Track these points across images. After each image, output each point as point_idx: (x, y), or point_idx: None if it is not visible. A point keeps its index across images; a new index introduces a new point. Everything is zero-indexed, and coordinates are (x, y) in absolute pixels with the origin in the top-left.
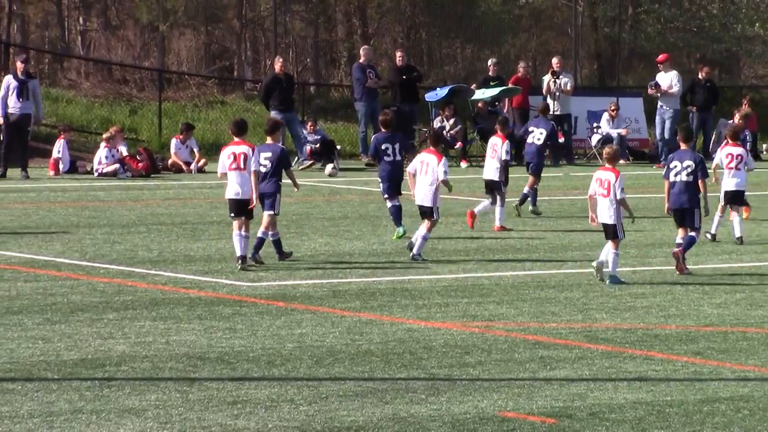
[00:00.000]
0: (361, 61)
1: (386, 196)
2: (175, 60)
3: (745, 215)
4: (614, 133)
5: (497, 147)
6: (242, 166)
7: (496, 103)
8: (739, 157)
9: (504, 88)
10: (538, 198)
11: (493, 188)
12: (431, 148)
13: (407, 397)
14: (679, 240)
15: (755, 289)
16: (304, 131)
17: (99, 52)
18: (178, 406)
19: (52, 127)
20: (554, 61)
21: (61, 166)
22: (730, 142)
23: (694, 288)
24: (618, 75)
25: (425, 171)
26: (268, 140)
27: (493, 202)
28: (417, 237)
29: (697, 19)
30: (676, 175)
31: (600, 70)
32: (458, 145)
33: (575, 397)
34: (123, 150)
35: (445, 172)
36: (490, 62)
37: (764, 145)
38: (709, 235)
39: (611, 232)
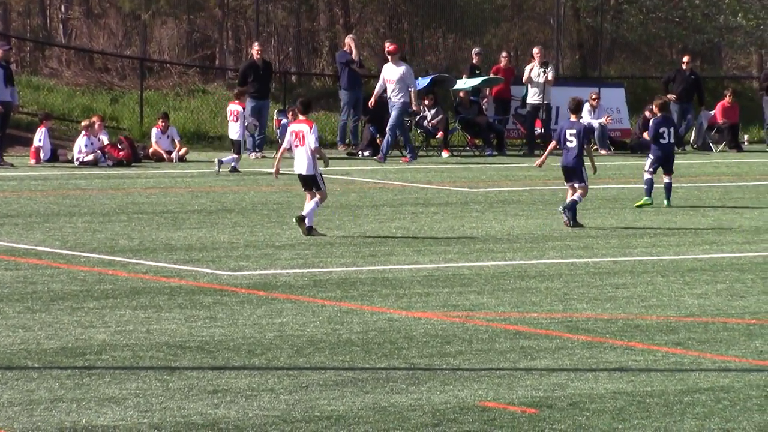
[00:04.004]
0: (345, 49)
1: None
2: (156, 49)
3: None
4: (595, 123)
5: None
6: (302, 143)
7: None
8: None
9: (486, 78)
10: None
11: None
12: (301, 117)
13: (387, 387)
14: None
15: (736, 279)
16: (285, 120)
17: (81, 41)
18: (158, 395)
19: (33, 116)
20: (536, 50)
21: (42, 155)
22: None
23: (675, 278)
24: (600, 65)
25: (301, 140)
26: (572, 118)
27: None
28: (306, 210)
29: (679, 10)
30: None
31: (582, 60)
32: (439, 134)
33: (555, 387)
34: (104, 139)
35: (316, 140)
36: (474, 51)
37: (745, 136)
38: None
39: None
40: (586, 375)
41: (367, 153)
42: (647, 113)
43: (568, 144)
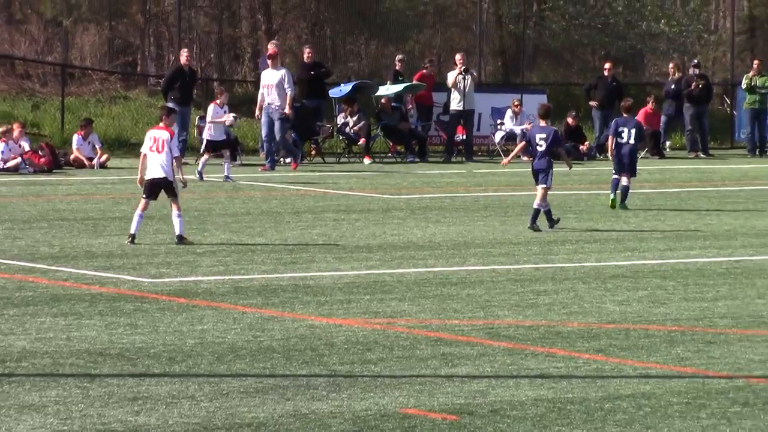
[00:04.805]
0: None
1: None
2: (78, 55)
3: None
4: (518, 129)
5: None
6: (160, 149)
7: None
8: None
9: (408, 84)
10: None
11: None
12: (162, 124)
13: (308, 394)
14: None
15: (657, 286)
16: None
17: (2, 47)
18: (78, 403)
19: None
20: (458, 57)
21: None
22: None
23: (597, 285)
24: (522, 72)
25: (159, 147)
26: (542, 123)
27: None
28: (173, 218)
29: (602, 16)
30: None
31: (504, 67)
32: (361, 141)
33: (477, 394)
34: (25, 145)
35: (178, 149)
36: (397, 58)
37: (667, 143)
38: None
39: None
40: (507, 382)
41: (288, 159)
42: (569, 120)
43: (538, 148)
